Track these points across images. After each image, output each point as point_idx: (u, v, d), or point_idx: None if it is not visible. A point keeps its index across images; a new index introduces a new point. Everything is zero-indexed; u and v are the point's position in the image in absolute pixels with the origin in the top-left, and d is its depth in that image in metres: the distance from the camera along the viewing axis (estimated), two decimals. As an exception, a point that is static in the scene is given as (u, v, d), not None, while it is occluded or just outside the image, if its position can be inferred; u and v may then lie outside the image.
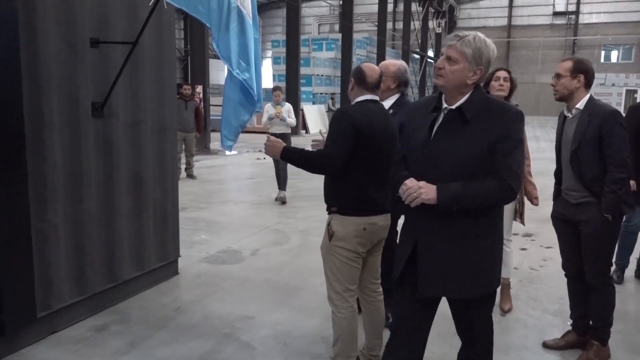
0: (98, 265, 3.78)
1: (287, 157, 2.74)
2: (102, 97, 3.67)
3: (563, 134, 3.24)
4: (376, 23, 29.61)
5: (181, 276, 4.64)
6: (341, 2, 27.46)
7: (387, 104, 3.42)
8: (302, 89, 22.14)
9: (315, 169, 2.72)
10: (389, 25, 34.99)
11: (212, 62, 17.63)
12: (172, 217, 4.55)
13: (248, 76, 3.39)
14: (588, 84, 3.11)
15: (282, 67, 21.92)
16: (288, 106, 7.99)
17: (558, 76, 3.13)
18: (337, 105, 23.65)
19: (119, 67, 3.64)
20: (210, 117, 14.52)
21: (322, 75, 25.61)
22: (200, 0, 3.32)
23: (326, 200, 2.84)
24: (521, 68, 40.14)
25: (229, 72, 3.41)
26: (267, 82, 24.83)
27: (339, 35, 25.65)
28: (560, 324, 3.77)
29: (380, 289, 3.07)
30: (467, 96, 2.11)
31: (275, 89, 8.12)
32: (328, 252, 2.80)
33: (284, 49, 21.27)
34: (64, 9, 3.40)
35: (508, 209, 3.88)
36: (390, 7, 31.99)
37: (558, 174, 3.31)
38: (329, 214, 2.84)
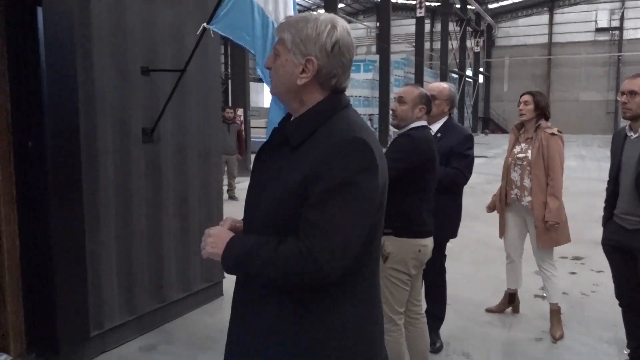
0: (147, 286, 3.87)
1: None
2: (151, 122, 3.80)
3: (624, 155, 3.06)
4: (413, 44, 29.66)
5: (225, 297, 4.69)
6: (378, 24, 27.63)
7: (435, 127, 3.41)
8: (340, 110, 22.27)
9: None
10: (427, 45, 35.06)
11: (252, 85, 17.98)
12: (217, 239, 4.62)
13: (292, 101, 3.45)
14: None
15: (320, 89, 22.11)
16: (328, 128, 8.07)
17: (632, 93, 2.94)
18: (376, 126, 23.68)
19: (167, 94, 3.76)
20: (251, 140, 14.76)
21: (359, 97, 25.76)
22: (245, 28, 3.43)
23: None
24: (563, 86, 39.33)
25: (274, 96, 3.48)
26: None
27: (376, 57, 25.77)
28: (615, 352, 3.61)
29: (423, 312, 3.05)
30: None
31: (315, 111, 8.24)
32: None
33: (322, 71, 21.48)
34: (118, 40, 3.56)
35: (516, 230, 3.84)
36: (427, 27, 32.02)
37: (612, 197, 3.15)
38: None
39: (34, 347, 3.23)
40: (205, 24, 3.42)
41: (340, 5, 31.62)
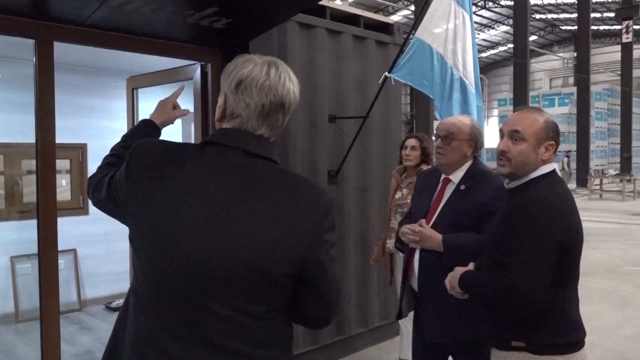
0: (328, 319, 4.12)
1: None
2: (336, 165, 4.12)
3: None
4: (619, 72, 26.81)
5: (403, 336, 4.72)
6: (575, 54, 25.58)
7: (457, 176, 2.47)
8: (532, 147, 21.03)
9: (499, 302, 1.81)
10: (635, 72, 31.35)
11: (435, 124, 18.03)
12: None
13: (470, 143, 3.46)
14: None
15: (509, 126, 21.23)
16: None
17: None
18: (573, 165, 21.79)
19: (351, 139, 4.05)
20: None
21: (554, 132, 24.01)
22: (424, 74, 3.58)
23: (496, 328, 1.91)
24: None
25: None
26: (494, 141, 24.21)
27: (573, 89, 23.87)
28: None
29: None
30: None
31: (500, 150, 7.96)
32: None
33: (511, 108, 20.66)
34: (309, 92, 3.97)
35: None
36: (636, 53, 28.68)
37: None
38: (501, 349, 1.88)
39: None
40: (387, 73, 3.65)
41: (532, 38, 30.12)
